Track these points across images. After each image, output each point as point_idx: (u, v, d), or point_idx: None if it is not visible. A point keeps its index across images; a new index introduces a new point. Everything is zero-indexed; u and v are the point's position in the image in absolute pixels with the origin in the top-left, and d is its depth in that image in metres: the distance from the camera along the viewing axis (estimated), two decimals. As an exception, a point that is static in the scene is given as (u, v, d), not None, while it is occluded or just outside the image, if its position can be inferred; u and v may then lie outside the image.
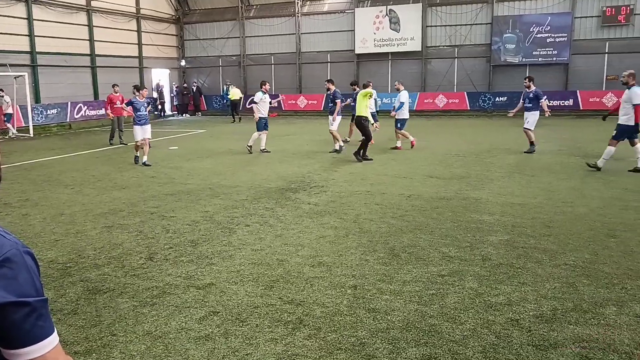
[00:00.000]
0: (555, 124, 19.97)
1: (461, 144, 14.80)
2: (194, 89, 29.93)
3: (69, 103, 22.97)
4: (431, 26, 26.43)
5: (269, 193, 8.97)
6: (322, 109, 26.02)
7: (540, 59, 24.60)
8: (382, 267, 5.34)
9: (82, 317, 4.34)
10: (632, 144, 10.23)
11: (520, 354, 3.60)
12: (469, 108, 25.67)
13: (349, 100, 14.89)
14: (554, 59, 24.51)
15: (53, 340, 1.18)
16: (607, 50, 24.12)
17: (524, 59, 24.89)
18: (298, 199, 8.50)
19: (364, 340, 3.86)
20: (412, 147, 13.84)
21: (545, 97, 13.09)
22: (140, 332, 4.08)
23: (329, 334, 3.97)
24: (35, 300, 1.15)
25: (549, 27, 24.24)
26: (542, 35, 24.38)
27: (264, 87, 14.11)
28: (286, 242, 6.21)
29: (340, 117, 14.25)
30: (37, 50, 21.91)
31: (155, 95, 28.52)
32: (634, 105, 9.82)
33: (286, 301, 4.58)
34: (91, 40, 24.71)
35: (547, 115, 13.36)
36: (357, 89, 14.54)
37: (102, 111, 24.63)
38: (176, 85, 30.26)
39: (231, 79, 29.78)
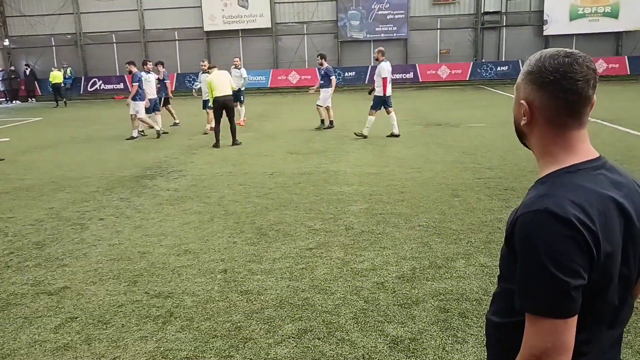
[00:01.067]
0: (399, 95, 21.43)
1: (316, 119, 15.20)
2: (27, 72, 26.62)
3: None
4: (279, 3, 26.54)
5: (123, 182, 8.38)
6: (172, 88, 24.88)
7: (382, 35, 26.09)
8: (250, 247, 5.31)
9: None
10: (387, 112, 11.64)
11: (388, 314, 3.84)
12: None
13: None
14: (394, 35, 26.17)
15: None
16: (439, 26, 26.35)
17: (368, 35, 26.21)
18: (156, 185, 8.07)
19: (239, 324, 3.82)
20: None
21: (335, 74, 13.73)
22: (-17, 352, 3.58)
23: (203, 323, 3.86)
24: None
25: (388, 5, 25.74)
26: (383, 12, 25.84)
27: (145, 66, 13.15)
28: (147, 233, 5.87)
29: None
30: None
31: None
32: (382, 78, 11.31)
33: (153, 295, 4.34)
34: None
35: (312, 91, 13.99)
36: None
37: None
38: (1, 69, 26.70)
39: (68, 60, 27.04)
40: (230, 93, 11.50)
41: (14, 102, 26.15)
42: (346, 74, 26.37)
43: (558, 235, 1.14)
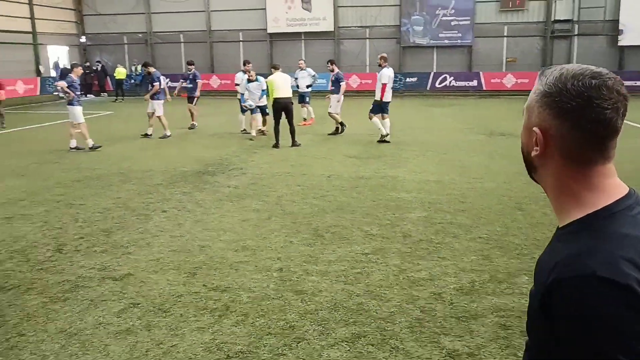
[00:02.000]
0: (461, 103, 21.04)
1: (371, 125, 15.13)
2: (98, 68, 28.02)
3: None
4: (342, 6, 26.60)
5: (185, 177, 8.64)
6: (235, 88, 25.45)
7: (446, 41, 25.63)
8: (306, 248, 5.33)
9: (-18, 319, 3.94)
10: (382, 117, 11.81)
11: (445, 326, 3.75)
12: (381, 88, 26.26)
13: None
14: (459, 41, 25.65)
15: None
16: (505, 34, 25.62)
17: (431, 41, 25.82)
18: (217, 182, 8.26)
19: (293, 324, 3.84)
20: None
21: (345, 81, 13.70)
22: (53, 330, 3.78)
23: (258, 319, 3.90)
24: None
25: (453, 11, 25.26)
26: (447, 18, 25.38)
27: (245, 67, 13.19)
28: (207, 227, 6.01)
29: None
30: None
31: (53, 74, 26.44)
32: (382, 84, 11.62)
33: (211, 288, 4.44)
34: (-25, 12, 22.35)
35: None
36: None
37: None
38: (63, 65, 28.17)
39: (138, 58, 28.21)
40: (291, 95, 11.64)
41: (87, 96, 27.56)
42: (407, 79, 26.09)
43: (616, 307, 0.90)
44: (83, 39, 29.16)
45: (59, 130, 14.47)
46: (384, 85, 11.62)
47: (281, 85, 11.41)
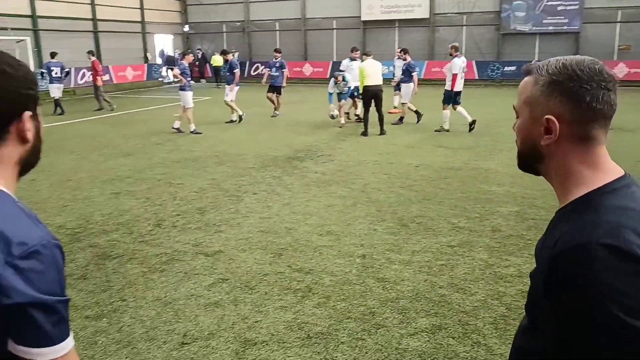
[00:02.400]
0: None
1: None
2: (199, 55, 29.48)
3: (72, 69, 22.70)
4: (440, -7, 25.84)
5: (276, 161, 8.91)
6: (327, 76, 25.70)
7: (550, 28, 24.09)
8: (390, 236, 5.31)
9: (92, 282, 4.35)
10: (454, 108, 11.68)
11: (532, 325, 3.59)
12: (477, 77, 25.28)
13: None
14: (565, 27, 24.00)
15: (69, 343, 1.08)
16: (618, 19, 23.60)
17: (533, 28, 24.40)
18: (305, 167, 8.44)
19: (373, 310, 3.86)
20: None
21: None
22: (150, 297, 4.09)
23: (338, 303, 3.97)
24: (59, 300, 1.06)
25: (560, -5, 23.66)
26: (553, 3, 23.82)
27: (352, 53, 13.29)
28: (294, 211, 6.18)
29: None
30: (37, 14, 21.55)
31: (159, 61, 28.20)
32: (453, 74, 11.52)
33: (295, 269, 4.57)
34: (92, 4, 24.29)
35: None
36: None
37: (107, 77, 24.46)
38: (178, 52, 29.83)
39: (235, 45, 29.34)
40: (381, 83, 11.54)
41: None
42: (505, 68, 24.89)
43: (622, 273, 0.93)
44: (186, 28, 30.77)
45: (162, 113, 15.46)
46: (455, 75, 11.57)
47: (372, 73, 11.36)
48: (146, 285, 4.30)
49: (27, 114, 1.13)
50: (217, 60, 25.98)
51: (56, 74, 15.62)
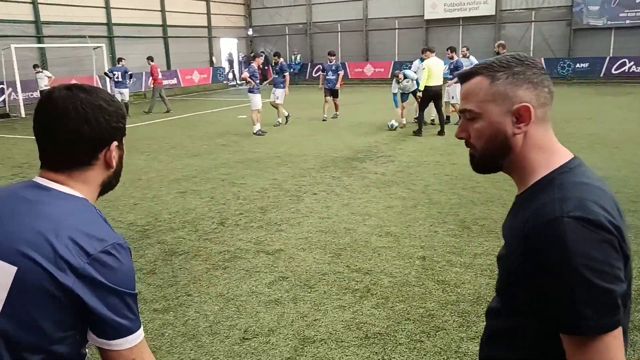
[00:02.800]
0: (638, 92, 18.59)
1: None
2: (262, 57, 30.10)
3: (144, 73, 23.81)
4: (506, -12, 25.02)
5: (336, 162, 8.96)
6: (388, 76, 25.49)
7: (627, 22, 22.74)
8: (451, 239, 5.22)
9: (159, 277, 4.56)
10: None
11: (601, 334, 3.43)
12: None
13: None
14: (644, 21, 22.58)
15: (140, 334, 1.21)
16: None
17: (609, 22, 23.11)
18: (365, 168, 8.44)
19: (432, 312, 3.81)
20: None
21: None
22: (214, 293, 4.24)
23: (397, 304, 3.95)
24: (130, 294, 1.18)
25: (639, -14, 22.29)
26: (631, -6, 22.47)
27: (423, 54, 12.68)
28: (353, 211, 6.20)
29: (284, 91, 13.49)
30: (113, 22, 22.78)
31: (225, 65, 29.04)
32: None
33: (354, 269, 4.59)
34: (163, 11, 25.39)
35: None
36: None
37: (174, 80, 25.47)
38: (243, 55, 30.59)
39: (298, 47, 29.80)
40: (442, 83, 11.38)
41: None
42: (577, 65, 23.75)
43: (594, 241, 1.02)
44: (250, 32, 31.51)
45: (226, 115, 15.93)
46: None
47: (436, 73, 11.18)
48: (210, 281, 4.46)
49: (115, 143, 1.30)
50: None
51: (117, 78, 16.36)
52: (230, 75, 29.27)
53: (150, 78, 17.98)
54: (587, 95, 17.89)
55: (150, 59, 17.93)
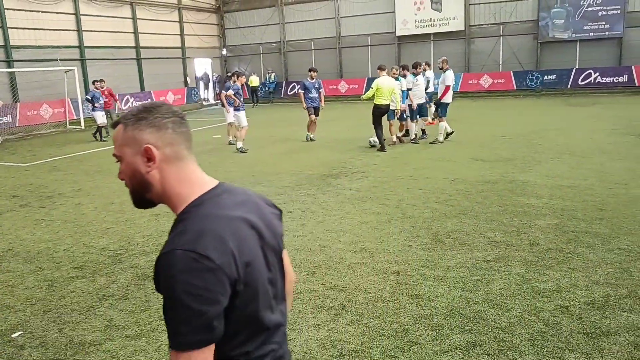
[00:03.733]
0: (607, 102, 19.14)
1: (507, 125, 14.37)
2: (236, 77, 30.17)
3: (117, 95, 23.61)
4: (474, 4, 25.63)
5: (311, 179, 8.99)
6: (362, 92, 25.73)
7: (591, 34, 23.48)
8: (425, 252, 5.27)
9: (132, 302, 4.50)
10: (439, 120, 12.23)
11: (570, 341, 3.49)
12: (515, 88, 24.87)
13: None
14: (607, 33, 23.34)
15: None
16: (664, 22, 22.77)
17: (573, 35, 23.84)
18: (340, 184, 8.48)
19: (406, 327, 3.84)
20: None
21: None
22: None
23: (372, 320, 3.96)
24: None
25: (600, 0, 23.07)
26: (594, 8, 23.24)
27: (416, 70, 12.88)
28: (328, 228, 6.22)
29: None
30: (85, 44, 22.61)
31: (200, 84, 29.00)
32: (446, 85, 12.01)
33: (329, 287, 4.60)
34: (135, 32, 25.31)
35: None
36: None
37: (148, 102, 25.26)
38: (216, 75, 30.60)
39: (272, 66, 29.94)
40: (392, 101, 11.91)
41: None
42: (545, 77, 24.37)
43: (194, 270, 1.20)
44: (224, 51, 31.58)
45: (202, 136, 15.85)
46: (447, 87, 11.98)
47: (386, 92, 11.59)
48: (184, 304, 4.41)
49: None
50: (254, 80, 26.65)
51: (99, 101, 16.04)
52: (205, 95, 29.22)
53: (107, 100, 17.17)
54: (555, 107, 18.35)
55: (101, 80, 16.92)
